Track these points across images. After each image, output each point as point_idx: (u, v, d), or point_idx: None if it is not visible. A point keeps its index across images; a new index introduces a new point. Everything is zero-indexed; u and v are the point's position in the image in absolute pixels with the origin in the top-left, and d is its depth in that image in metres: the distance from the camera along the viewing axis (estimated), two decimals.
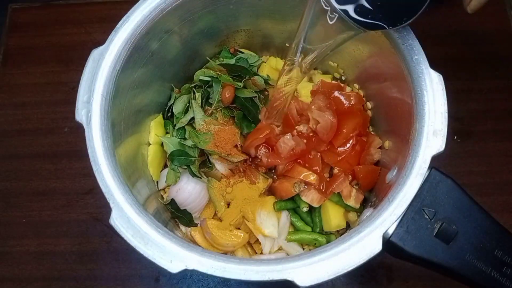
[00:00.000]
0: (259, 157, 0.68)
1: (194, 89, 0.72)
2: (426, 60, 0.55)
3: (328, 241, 0.67)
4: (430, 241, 0.49)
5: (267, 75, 0.75)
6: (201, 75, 0.71)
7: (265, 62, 0.77)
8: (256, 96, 0.71)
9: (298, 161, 0.69)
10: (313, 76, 0.77)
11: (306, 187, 0.67)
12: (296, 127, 0.70)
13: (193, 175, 0.68)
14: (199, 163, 0.69)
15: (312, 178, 0.67)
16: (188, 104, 0.71)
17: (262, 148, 0.69)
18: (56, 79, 0.88)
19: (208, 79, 0.70)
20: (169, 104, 0.73)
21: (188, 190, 0.68)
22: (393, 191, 0.51)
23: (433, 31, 0.88)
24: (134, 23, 0.57)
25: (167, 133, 0.72)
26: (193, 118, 0.69)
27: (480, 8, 0.58)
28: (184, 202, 0.68)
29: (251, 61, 0.74)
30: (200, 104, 0.70)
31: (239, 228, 0.69)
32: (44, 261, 0.77)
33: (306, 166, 0.68)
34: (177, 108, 0.71)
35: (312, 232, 0.68)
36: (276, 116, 0.68)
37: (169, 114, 0.73)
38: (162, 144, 0.71)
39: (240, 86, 0.69)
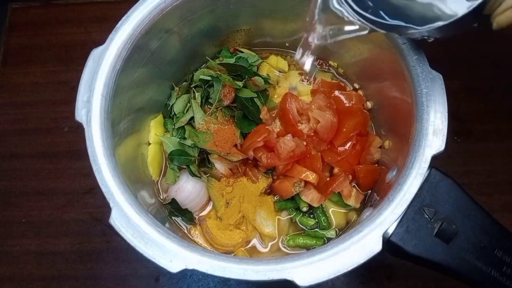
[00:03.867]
0: (259, 157, 0.68)
1: (194, 89, 0.72)
2: (426, 60, 0.55)
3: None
4: (430, 240, 0.49)
5: (267, 74, 0.75)
6: (201, 74, 0.71)
7: (266, 61, 0.77)
8: (256, 96, 0.71)
9: (298, 160, 0.69)
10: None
11: (305, 186, 0.67)
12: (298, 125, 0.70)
13: (193, 174, 0.68)
14: (198, 162, 0.69)
15: (312, 177, 0.66)
16: (188, 104, 0.71)
17: (262, 149, 0.69)
18: (56, 79, 0.88)
19: (209, 78, 0.70)
20: (170, 104, 0.72)
21: (188, 189, 0.68)
22: (393, 191, 0.51)
23: None
24: (134, 23, 0.58)
25: (167, 131, 0.72)
26: (192, 118, 0.69)
27: (509, 27, 0.47)
28: (183, 202, 0.68)
29: (251, 60, 0.74)
30: (200, 104, 0.70)
31: (239, 228, 0.69)
32: (44, 261, 0.77)
33: (306, 165, 0.68)
34: (178, 108, 0.71)
35: (310, 236, 0.68)
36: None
37: (171, 114, 0.73)
38: (162, 144, 0.71)
39: (240, 86, 0.69)
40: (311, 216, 0.69)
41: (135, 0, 0.58)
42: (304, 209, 0.68)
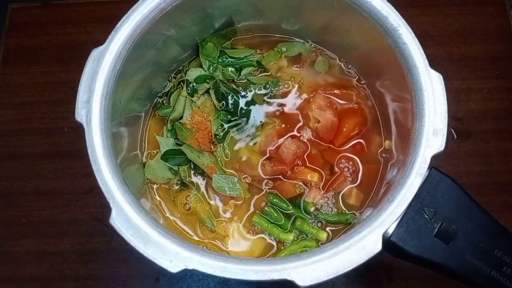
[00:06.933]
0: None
1: (182, 83, 0.72)
2: (426, 60, 0.55)
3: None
4: (430, 241, 0.49)
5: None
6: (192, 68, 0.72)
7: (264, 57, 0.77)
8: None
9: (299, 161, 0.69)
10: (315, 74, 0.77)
11: (307, 187, 0.67)
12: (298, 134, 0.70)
13: (182, 180, 0.68)
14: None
15: (314, 178, 0.67)
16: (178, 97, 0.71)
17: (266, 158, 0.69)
18: (56, 79, 0.88)
19: (198, 73, 0.71)
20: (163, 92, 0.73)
21: None
22: (393, 191, 0.51)
23: (433, 31, 0.88)
24: (134, 22, 0.57)
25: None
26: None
27: None
28: None
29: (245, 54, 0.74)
30: (188, 99, 0.70)
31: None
32: (44, 261, 0.77)
33: (307, 166, 0.68)
34: (172, 100, 0.71)
35: (300, 240, 0.66)
36: None
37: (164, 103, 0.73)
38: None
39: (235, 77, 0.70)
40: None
41: (135, 0, 0.58)
42: (312, 209, 0.67)
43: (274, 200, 0.67)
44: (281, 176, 0.69)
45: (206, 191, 0.69)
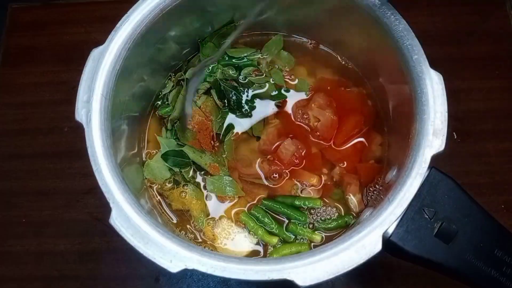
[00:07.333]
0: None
1: (182, 82, 0.71)
2: (426, 60, 0.55)
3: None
4: (430, 240, 0.49)
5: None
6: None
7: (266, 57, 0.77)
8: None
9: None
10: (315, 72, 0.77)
11: (306, 187, 0.67)
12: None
13: (186, 180, 0.68)
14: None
15: (313, 181, 0.67)
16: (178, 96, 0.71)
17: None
18: (56, 79, 0.88)
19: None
20: (163, 93, 0.73)
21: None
22: (393, 191, 0.51)
23: (433, 31, 0.88)
24: (134, 22, 0.58)
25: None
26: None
27: None
28: None
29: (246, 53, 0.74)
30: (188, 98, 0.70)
31: None
32: (44, 261, 0.77)
33: (306, 167, 0.68)
34: (171, 98, 0.71)
35: (294, 243, 0.66)
36: None
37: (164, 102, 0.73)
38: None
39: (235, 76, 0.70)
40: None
41: (135, 0, 0.58)
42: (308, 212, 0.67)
43: (267, 202, 0.67)
44: (278, 176, 0.69)
45: (203, 189, 0.69)
